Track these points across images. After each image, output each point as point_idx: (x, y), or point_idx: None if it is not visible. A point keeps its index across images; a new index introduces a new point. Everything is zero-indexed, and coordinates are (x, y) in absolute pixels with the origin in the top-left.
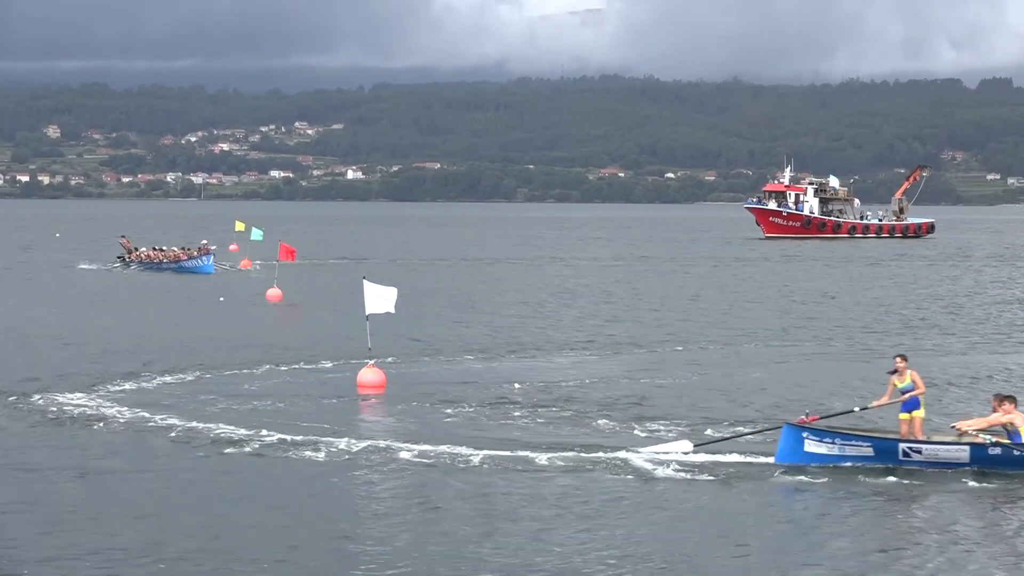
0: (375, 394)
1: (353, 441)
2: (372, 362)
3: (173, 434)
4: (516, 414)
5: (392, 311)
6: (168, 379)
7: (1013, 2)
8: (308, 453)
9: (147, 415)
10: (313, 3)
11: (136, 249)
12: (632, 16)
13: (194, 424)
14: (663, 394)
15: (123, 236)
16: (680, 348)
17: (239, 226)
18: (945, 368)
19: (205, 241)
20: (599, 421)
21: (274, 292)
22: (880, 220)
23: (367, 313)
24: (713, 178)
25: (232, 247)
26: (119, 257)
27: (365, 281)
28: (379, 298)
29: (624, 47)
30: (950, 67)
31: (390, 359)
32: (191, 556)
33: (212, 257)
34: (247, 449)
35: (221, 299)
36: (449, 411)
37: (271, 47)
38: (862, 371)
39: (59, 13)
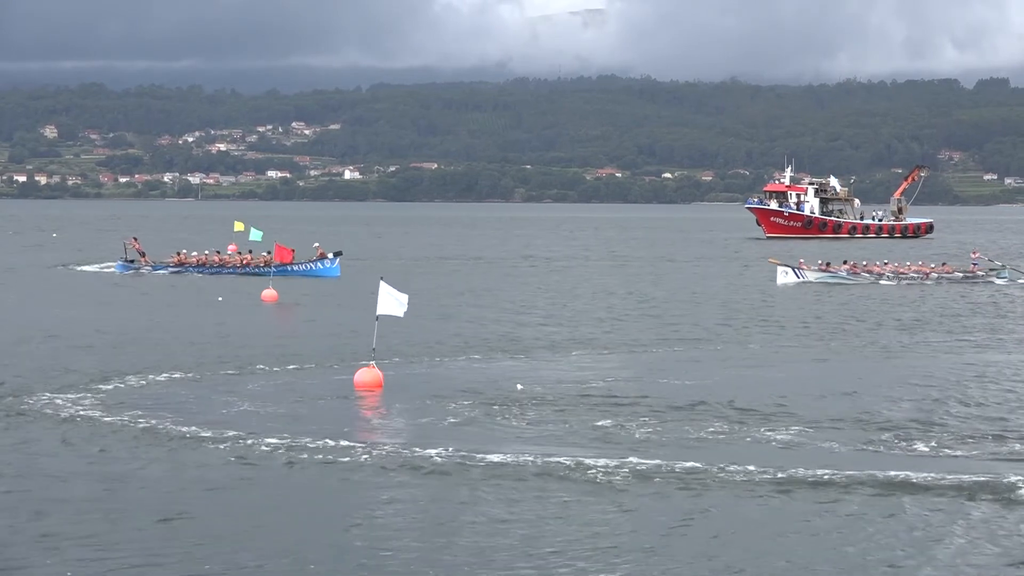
0: (373, 394)
1: (345, 442)
2: (372, 362)
3: (165, 435)
4: (513, 414)
5: (402, 315)
6: (161, 378)
7: (1016, 2)
8: (302, 455)
9: (141, 416)
10: (313, 4)
11: (179, 253)
12: (634, 16)
13: (185, 425)
14: (661, 393)
15: (133, 238)
16: (680, 348)
17: (238, 226)
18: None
19: (317, 244)
20: (602, 422)
21: (269, 293)
22: (879, 220)
23: (378, 314)
24: (710, 178)
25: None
26: (130, 260)
27: (382, 282)
28: (392, 301)
29: (626, 47)
30: (952, 67)
31: (391, 359)
32: (184, 558)
33: (338, 260)
34: (239, 450)
35: (220, 299)
36: (444, 411)
37: (270, 48)
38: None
39: (56, 14)
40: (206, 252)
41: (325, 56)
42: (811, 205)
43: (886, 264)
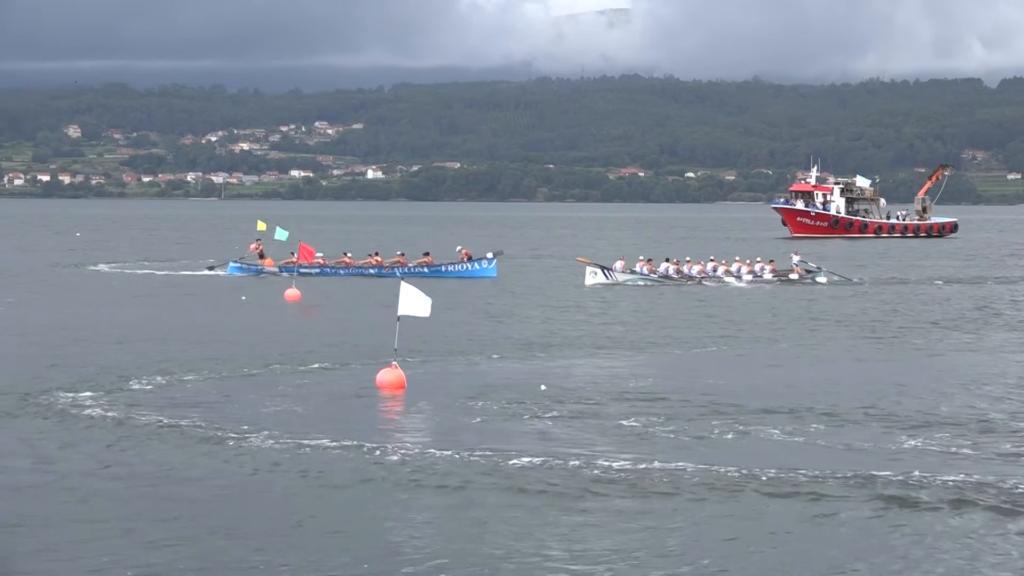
0: (395, 395)
1: (369, 444)
2: (394, 362)
3: (191, 437)
4: (538, 415)
5: (426, 316)
6: (188, 378)
7: None
8: (326, 456)
9: (167, 416)
10: (337, 3)
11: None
12: (660, 15)
13: (213, 426)
14: (691, 394)
15: (258, 240)
16: (714, 348)
17: (260, 226)
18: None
19: (460, 247)
20: (629, 423)
21: (292, 292)
22: (904, 220)
23: (399, 314)
24: (733, 178)
25: (252, 246)
26: (243, 262)
27: (403, 283)
28: (414, 301)
29: (652, 47)
30: (979, 66)
31: (414, 359)
32: (205, 560)
33: (495, 260)
34: (264, 452)
35: (244, 299)
36: (467, 412)
37: (293, 47)
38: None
39: (79, 14)
40: (320, 255)
41: (349, 55)
42: (837, 205)
43: (711, 261)
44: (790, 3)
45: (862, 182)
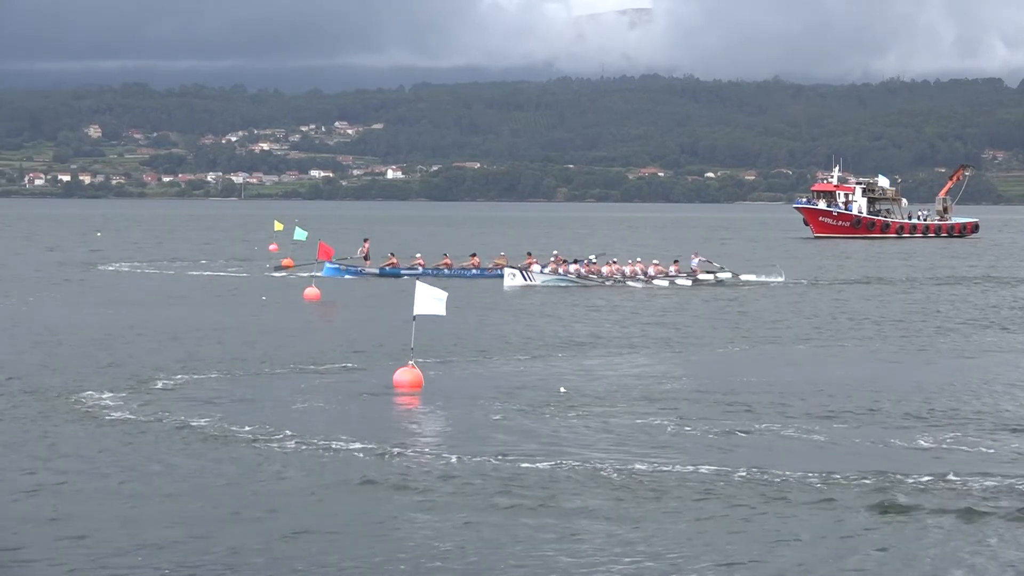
0: (411, 394)
1: (386, 446)
2: (411, 362)
3: (213, 437)
4: (555, 417)
5: (442, 313)
6: (207, 377)
7: None
8: (340, 455)
9: (185, 416)
10: (358, 3)
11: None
12: (681, 15)
13: (235, 426)
14: (715, 395)
15: (366, 240)
16: (737, 349)
17: (278, 226)
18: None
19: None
20: (651, 426)
21: (312, 291)
22: (925, 220)
23: (415, 313)
24: (753, 178)
25: (272, 247)
26: (342, 263)
27: (418, 282)
28: (429, 299)
29: (672, 46)
30: (1002, 66)
31: (434, 359)
32: (219, 560)
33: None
34: (277, 450)
35: (264, 298)
36: (485, 413)
37: (313, 47)
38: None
39: (99, 15)
40: (418, 255)
41: (369, 55)
42: (859, 205)
43: (613, 263)
44: (810, 3)
45: (884, 182)
